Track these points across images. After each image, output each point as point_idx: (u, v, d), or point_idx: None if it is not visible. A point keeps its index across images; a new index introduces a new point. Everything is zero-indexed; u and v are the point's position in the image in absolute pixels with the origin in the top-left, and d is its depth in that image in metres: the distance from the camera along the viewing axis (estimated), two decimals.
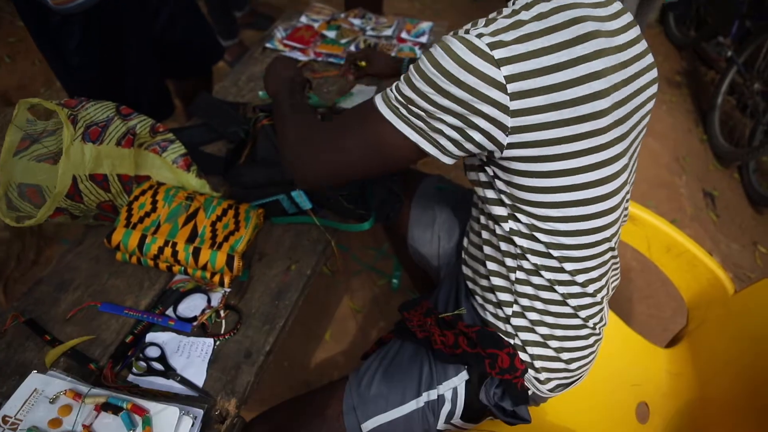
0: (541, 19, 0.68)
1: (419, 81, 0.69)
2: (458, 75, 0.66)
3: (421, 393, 0.91)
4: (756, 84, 2.59)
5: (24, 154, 0.96)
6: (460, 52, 0.66)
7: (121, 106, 1.01)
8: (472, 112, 0.68)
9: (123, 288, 0.97)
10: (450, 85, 0.67)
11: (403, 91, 0.71)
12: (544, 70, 0.67)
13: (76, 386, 0.78)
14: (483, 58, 0.65)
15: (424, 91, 0.69)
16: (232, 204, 1.03)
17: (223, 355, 0.88)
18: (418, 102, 0.70)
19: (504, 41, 0.66)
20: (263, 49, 1.61)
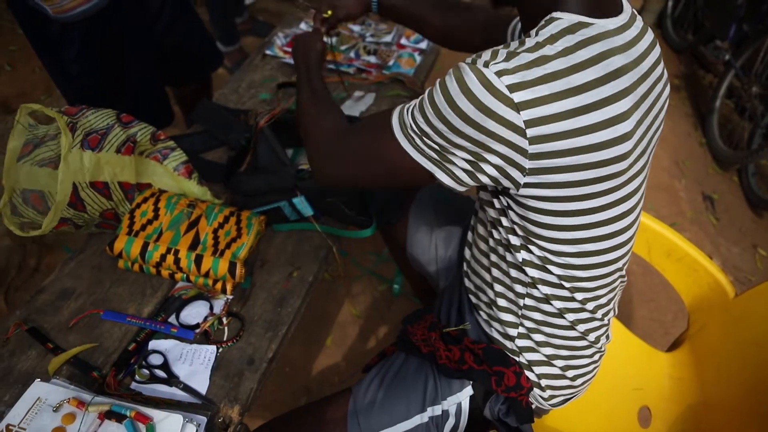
0: (567, 55, 0.64)
1: (434, 117, 0.66)
2: (474, 117, 0.63)
3: (426, 408, 0.91)
4: (754, 87, 2.60)
5: (27, 159, 0.97)
6: (478, 92, 0.62)
7: (121, 113, 1.01)
8: (487, 151, 0.66)
9: (125, 296, 0.97)
10: (465, 126, 0.64)
11: (419, 123, 0.69)
12: (569, 113, 0.63)
13: (79, 394, 0.78)
14: (502, 101, 0.62)
15: (438, 128, 0.66)
16: (233, 211, 1.04)
17: (226, 362, 0.89)
18: (433, 137, 0.68)
19: (526, 81, 0.62)
20: (263, 56, 1.62)
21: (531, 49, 0.64)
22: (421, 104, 0.69)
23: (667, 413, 1.10)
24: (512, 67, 0.62)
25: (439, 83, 0.67)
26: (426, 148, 0.70)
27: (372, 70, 1.55)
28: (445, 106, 0.65)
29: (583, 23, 0.66)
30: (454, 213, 1.17)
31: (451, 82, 0.65)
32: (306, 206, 1.05)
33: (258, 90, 1.49)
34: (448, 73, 0.66)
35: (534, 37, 0.66)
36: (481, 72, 0.63)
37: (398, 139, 0.73)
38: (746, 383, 0.97)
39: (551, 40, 0.65)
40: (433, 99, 0.67)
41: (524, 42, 0.66)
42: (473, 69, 0.63)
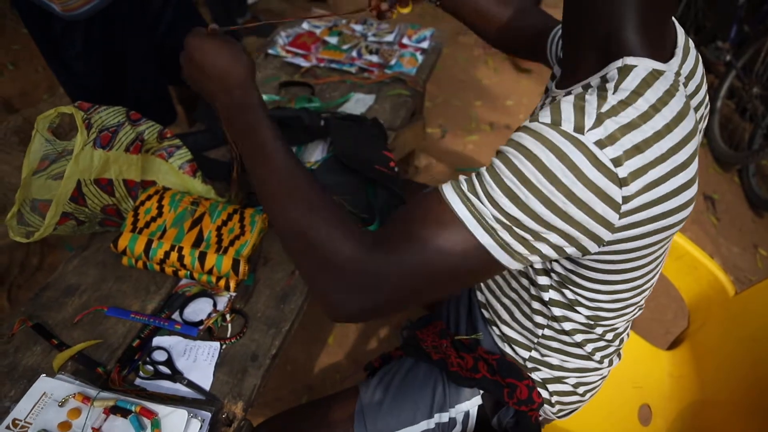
0: (661, 110, 0.56)
1: (531, 198, 0.55)
2: (580, 194, 0.54)
3: (433, 414, 0.91)
4: (755, 88, 2.61)
5: (42, 174, 0.97)
6: (583, 165, 0.54)
7: (130, 111, 1.02)
8: (582, 233, 0.57)
9: (129, 292, 0.98)
10: (568, 204, 0.55)
11: (507, 210, 0.56)
12: (666, 177, 0.56)
13: (84, 390, 0.79)
14: (607, 176, 0.54)
15: (537, 211, 0.55)
16: (237, 208, 1.04)
17: (230, 358, 0.89)
18: (527, 222, 0.56)
19: (629, 150, 0.54)
20: (265, 55, 1.63)
21: (622, 107, 0.56)
22: (507, 187, 0.56)
23: (668, 411, 1.11)
24: (610, 133, 0.54)
25: (525, 155, 0.56)
26: (514, 240, 0.58)
27: (374, 69, 1.56)
28: (543, 181, 0.55)
29: (658, 71, 0.59)
30: None
31: (545, 153, 0.55)
32: None
33: (260, 89, 1.49)
34: (529, 141, 0.56)
35: (616, 90, 0.57)
36: (582, 143, 0.54)
37: (480, 239, 0.58)
38: (746, 380, 0.97)
39: (639, 93, 0.57)
40: (524, 176, 0.55)
41: (605, 97, 0.57)
42: (569, 137, 0.54)
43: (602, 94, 0.57)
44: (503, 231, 0.57)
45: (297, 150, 1.23)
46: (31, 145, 0.94)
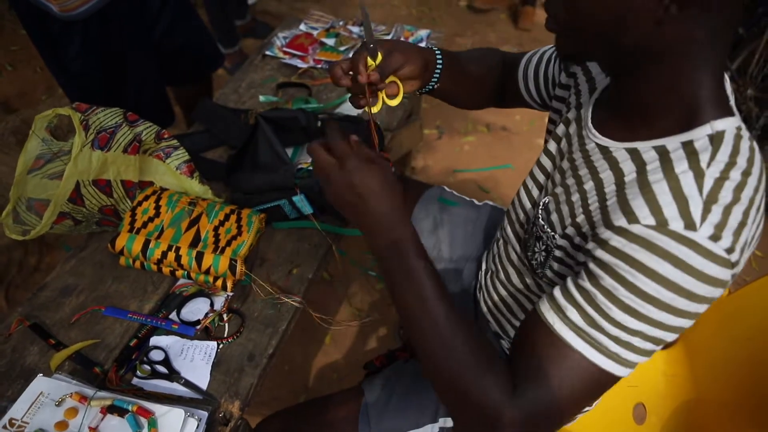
0: (750, 174, 0.57)
1: (653, 311, 0.55)
2: (702, 292, 0.54)
3: (438, 419, 0.91)
4: (749, 90, 2.62)
5: (38, 173, 0.98)
6: (702, 266, 0.53)
7: (128, 112, 1.02)
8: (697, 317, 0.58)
9: (126, 292, 0.98)
10: (692, 304, 0.55)
11: (630, 326, 0.56)
12: (756, 229, 0.58)
13: (81, 389, 0.79)
14: (724, 265, 0.54)
15: (661, 320, 0.56)
16: (234, 209, 1.05)
17: (227, 358, 0.90)
18: (651, 332, 0.57)
19: (737, 231, 0.54)
20: (263, 56, 1.63)
21: (720, 184, 0.55)
22: (622, 304, 0.56)
23: (662, 409, 1.12)
24: (719, 221, 0.53)
25: (640, 271, 0.55)
26: (634, 355, 0.58)
27: None
28: (668, 294, 0.54)
29: (740, 128, 0.59)
30: (457, 221, 1.17)
31: (662, 266, 0.54)
32: (306, 204, 1.06)
33: (258, 90, 1.50)
34: (641, 254, 0.54)
35: (710, 164, 0.56)
36: (698, 244, 0.53)
37: (599, 364, 0.58)
38: (739, 378, 0.98)
39: (732, 162, 0.56)
40: (644, 293, 0.55)
41: (702, 174, 0.55)
42: (683, 241, 0.53)
43: (697, 170, 0.56)
44: (626, 352, 0.58)
45: (294, 150, 1.24)
46: (28, 144, 0.95)
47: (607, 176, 0.65)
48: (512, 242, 0.88)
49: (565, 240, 0.69)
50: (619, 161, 0.64)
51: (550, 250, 0.72)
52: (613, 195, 0.62)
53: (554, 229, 0.71)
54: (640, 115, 0.63)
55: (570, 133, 0.77)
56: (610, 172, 0.65)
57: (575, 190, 0.69)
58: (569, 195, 0.70)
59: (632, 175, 0.61)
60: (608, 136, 0.67)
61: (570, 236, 0.68)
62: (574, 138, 0.75)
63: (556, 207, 0.72)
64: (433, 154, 2.46)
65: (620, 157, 0.64)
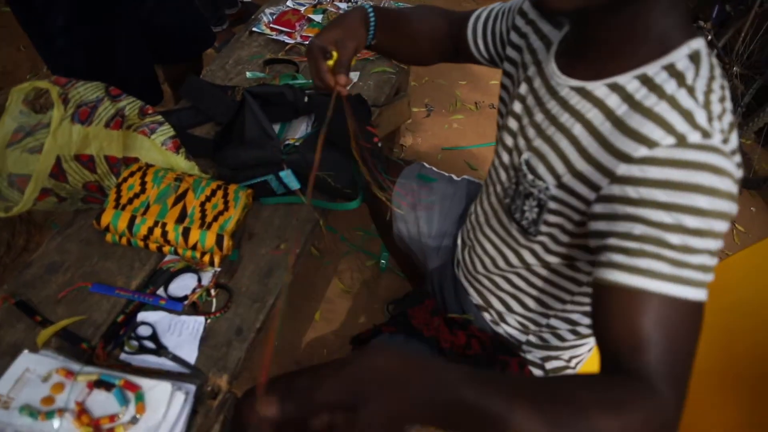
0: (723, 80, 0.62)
1: (712, 222, 0.55)
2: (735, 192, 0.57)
3: None
4: (735, 67, 2.63)
5: (17, 146, 0.96)
6: (726, 166, 0.56)
7: (110, 87, 1.01)
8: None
9: (113, 269, 0.98)
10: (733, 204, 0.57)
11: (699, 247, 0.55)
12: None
13: (67, 365, 0.79)
14: (736, 165, 0.58)
15: (716, 229, 0.56)
16: (221, 185, 1.04)
17: (214, 332, 0.90)
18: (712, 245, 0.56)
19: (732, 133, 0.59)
20: (250, 32, 1.61)
21: (708, 96, 0.58)
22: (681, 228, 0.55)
23: None
24: (722, 127, 0.57)
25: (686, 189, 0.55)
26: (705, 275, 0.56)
27: None
28: (715, 201, 0.55)
29: (706, 45, 0.62)
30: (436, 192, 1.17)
31: (703, 176, 0.55)
32: (293, 180, 1.06)
33: (245, 67, 1.48)
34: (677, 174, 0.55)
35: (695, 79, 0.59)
36: (718, 149, 0.56)
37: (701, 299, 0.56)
38: (720, 351, 1.00)
39: (712, 77, 0.60)
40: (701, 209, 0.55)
41: (693, 89, 0.58)
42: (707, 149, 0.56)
43: (687, 87, 0.58)
44: (709, 275, 0.56)
45: (281, 126, 1.23)
46: (4, 117, 0.93)
47: (594, 115, 0.65)
48: (490, 214, 0.88)
49: (561, 190, 0.69)
50: (602, 98, 0.64)
51: (543, 204, 0.72)
52: (612, 130, 0.62)
53: (545, 180, 0.71)
54: (613, 50, 0.63)
55: (535, 88, 0.76)
56: (597, 110, 0.64)
57: (561, 137, 0.69)
58: (555, 144, 0.70)
59: (623, 107, 0.62)
60: (581, 78, 0.67)
61: (568, 186, 0.67)
62: (542, 91, 0.74)
63: (542, 159, 0.71)
64: (422, 131, 2.45)
65: (602, 94, 0.64)
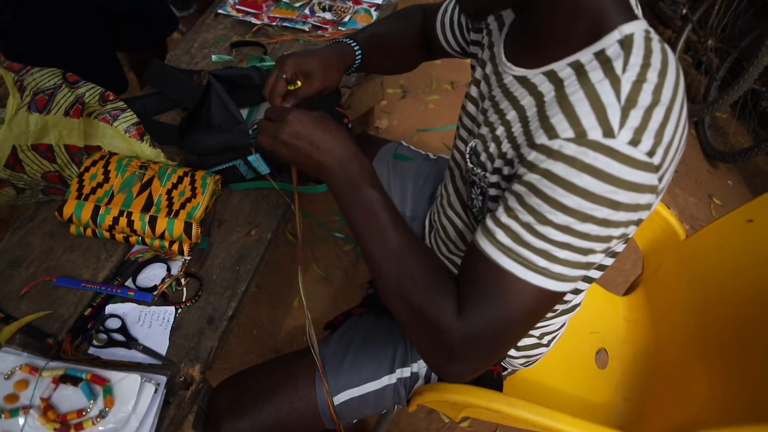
0: (666, 71, 0.56)
1: (578, 223, 0.55)
2: (625, 199, 0.54)
3: (395, 370, 0.91)
4: (710, 41, 2.64)
5: None
6: (622, 173, 0.53)
7: (67, 73, 0.97)
8: (629, 226, 0.58)
9: (79, 262, 0.95)
10: (616, 213, 0.55)
11: (555, 238, 0.57)
12: (678, 134, 0.56)
13: (32, 360, 0.76)
14: (645, 169, 0.53)
15: (586, 231, 0.55)
16: (187, 171, 1.01)
17: (186, 322, 0.88)
18: (578, 244, 0.57)
19: (656, 134, 0.53)
20: (215, 14, 1.56)
21: (638, 87, 0.54)
22: (545, 219, 0.56)
23: (624, 354, 1.15)
24: (638, 125, 0.53)
25: (561, 186, 0.54)
26: (567, 269, 0.58)
27: (328, 27, 1.51)
28: (590, 205, 0.54)
29: (648, 30, 0.58)
30: (411, 172, 1.16)
31: (582, 178, 0.53)
32: (262, 164, 1.03)
33: (211, 50, 1.44)
34: (560, 168, 0.54)
35: (625, 69, 0.55)
36: (616, 151, 0.52)
37: (531, 281, 0.59)
38: (696, 321, 1.01)
39: (647, 64, 0.55)
40: (566, 207, 0.55)
41: (618, 80, 0.54)
42: (601, 149, 0.52)
43: (613, 77, 0.55)
44: (556, 266, 0.58)
45: (249, 110, 1.20)
46: None
47: (528, 102, 0.64)
48: (453, 197, 0.87)
49: (496, 175, 0.68)
50: (537, 85, 0.63)
51: (485, 192, 0.71)
52: (534, 116, 0.61)
53: (485, 169, 0.70)
54: (548, 37, 0.62)
55: (487, 74, 0.75)
56: (530, 97, 0.64)
57: (499, 124, 0.68)
58: (494, 131, 0.69)
59: (551, 93, 0.60)
60: (524, 66, 0.66)
61: (499, 169, 0.67)
62: (492, 77, 0.73)
63: (484, 147, 0.71)
64: (398, 113, 2.43)
65: (538, 81, 0.63)
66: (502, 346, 0.64)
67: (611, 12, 0.57)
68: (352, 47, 0.94)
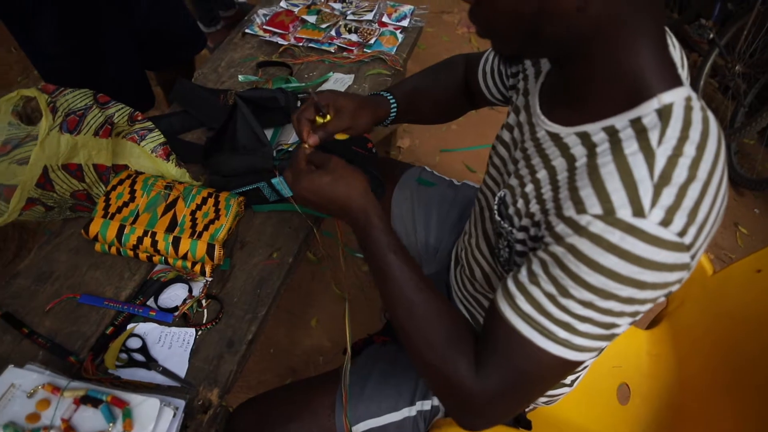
0: (705, 144, 0.53)
1: (602, 301, 0.54)
2: (651, 279, 0.52)
3: (415, 402, 0.90)
4: (737, 66, 2.61)
5: (4, 158, 0.94)
6: (651, 254, 0.51)
7: (98, 93, 0.99)
8: (658, 298, 0.56)
9: (103, 279, 0.96)
10: (642, 291, 0.53)
11: (579, 312, 0.56)
12: (715, 210, 0.54)
13: (54, 380, 0.77)
14: (676, 249, 0.51)
15: (611, 308, 0.55)
16: (212, 192, 1.02)
17: (205, 344, 0.88)
18: (600, 318, 0.56)
19: (689, 213, 0.51)
20: (242, 34, 1.59)
21: (673, 162, 0.51)
22: (569, 294, 0.55)
23: (646, 389, 1.12)
24: (671, 204, 0.50)
25: (587, 264, 0.53)
26: (587, 341, 0.57)
27: (353, 48, 1.53)
28: (616, 286, 0.53)
29: (689, 98, 0.55)
30: (434, 200, 1.15)
31: (608, 259, 0.52)
32: (285, 186, 1.04)
33: (237, 69, 1.46)
34: (587, 246, 0.53)
35: (661, 142, 0.52)
36: (646, 232, 0.50)
37: (551, 351, 0.58)
38: (722, 358, 0.98)
39: (684, 137, 0.52)
40: (593, 286, 0.54)
41: (652, 154, 0.52)
42: (630, 230, 0.51)
43: (647, 150, 0.52)
44: (577, 338, 0.57)
45: (274, 131, 1.21)
46: None
47: (559, 163, 0.62)
48: (481, 238, 0.86)
49: (522, 232, 0.67)
50: (570, 146, 0.61)
51: (512, 246, 0.70)
52: (565, 183, 0.59)
53: (512, 224, 0.69)
54: (585, 96, 0.60)
55: (521, 122, 0.74)
56: (562, 158, 0.62)
57: (529, 180, 0.67)
58: (523, 186, 0.68)
59: (583, 159, 0.58)
60: (558, 122, 0.64)
61: (526, 227, 0.66)
62: (525, 126, 0.72)
63: (513, 201, 0.69)
64: (420, 133, 2.43)
65: (571, 143, 0.61)
66: (520, 405, 0.65)
67: (653, 78, 0.55)
68: (388, 101, 0.97)
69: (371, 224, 0.72)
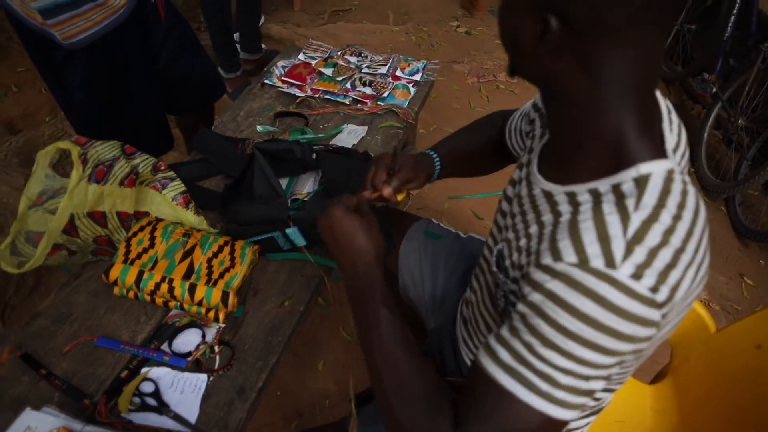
0: (682, 215, 0.56)
1: (578, 348, 0.55)
2: (625, 330, 0.54)
3: None
4: (740, 120, 2.66)
5: (40, 208, 0.99)
6: (622, 303, 0.53)
7: (125, 145, 1.04)
8: (628, 357, 0.58)
9: (119, 322, 0.99)
10: (617, 342, 0.55)
11: (557, 363, 0.57)
12: (691, 276, 0.56)
13: (69, 423, 0.79)
14: (648, 304, 0.53)
15: (586, 358, 0.56)
16: (228, 240, 1.06)
17: (217, 390, 0.90)
18: (578, 370, 0.56)
19: (663, 272, 0.53)
20: (262, 84, 1.66)
21: (647, 227, 0.54)
22: (547, 340, 0.56)
23: None
24: (642, 261, 0.53)
25: (562, 307, 0.55)
26: (567, 395, 0.58)
27: (367, 101, 1.59)
28: (590, 331, 0.54)
29: (671, 171, 0.58)
30: (442, 251, 1.18)
31: (582, 302, 0.54)
32: (299, 237, 1.07)
33: (256, 119, 1.52)
34: (561, 289, 0.55)
35: (638, 207, 0.56)
36: (617, 281, 0.53)
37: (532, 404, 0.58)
38: (726, 415, 0.99)
39: (660, 205, 0.56)
40: (567, 330, 0.55)
41: (628, 216, 0.55)
42: (603, 277, 0.53)
43: (623, 213, 0.56)
44: (558, 391, 0.57)
45: (289, 181, 1.26)
46: (31, 180, 0.96)
47: (548, 219, 0.66)
48: (485, 292, 0.88)
49: (515, 284, 0.70)
50: (558, 203, 0.65)
51: (507, 297, 0.73)
52: (548, 236, 0.62)
53: (507, 275, 0.72)
54: (573, 158, 0.64)
55: (522, 178, 0.78)
56: (551, 214, 0.65)
57: (523, 234, 0.70)
58: (518, 240, 0.71)
59: (567, 215, 0.62)
60: (552, 180, 0.68)
61: (516, 279, 0.69)
62: (524, 182, 0.76)
63: (509, 253, 0.72)
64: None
65: (560, 200, 0.65)
66: None
67: (633, 147, 0.58)
68: (433, 159, 1.03)
69: (372, 277, 0.76)
